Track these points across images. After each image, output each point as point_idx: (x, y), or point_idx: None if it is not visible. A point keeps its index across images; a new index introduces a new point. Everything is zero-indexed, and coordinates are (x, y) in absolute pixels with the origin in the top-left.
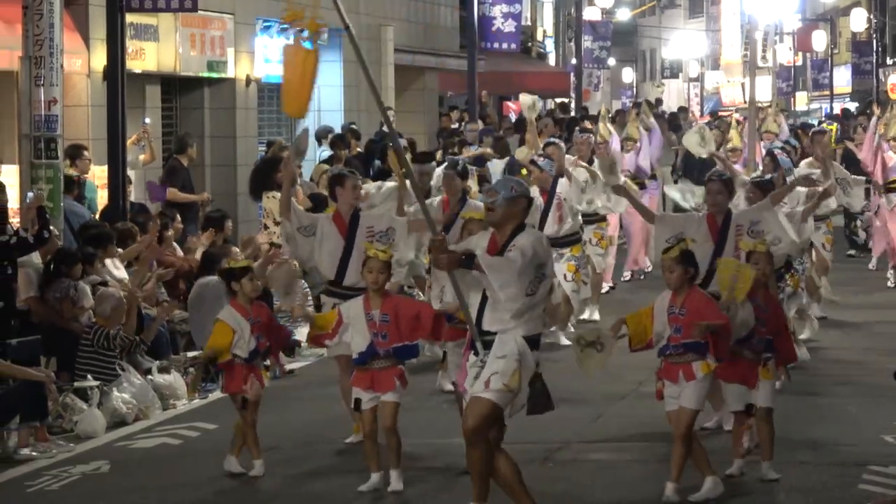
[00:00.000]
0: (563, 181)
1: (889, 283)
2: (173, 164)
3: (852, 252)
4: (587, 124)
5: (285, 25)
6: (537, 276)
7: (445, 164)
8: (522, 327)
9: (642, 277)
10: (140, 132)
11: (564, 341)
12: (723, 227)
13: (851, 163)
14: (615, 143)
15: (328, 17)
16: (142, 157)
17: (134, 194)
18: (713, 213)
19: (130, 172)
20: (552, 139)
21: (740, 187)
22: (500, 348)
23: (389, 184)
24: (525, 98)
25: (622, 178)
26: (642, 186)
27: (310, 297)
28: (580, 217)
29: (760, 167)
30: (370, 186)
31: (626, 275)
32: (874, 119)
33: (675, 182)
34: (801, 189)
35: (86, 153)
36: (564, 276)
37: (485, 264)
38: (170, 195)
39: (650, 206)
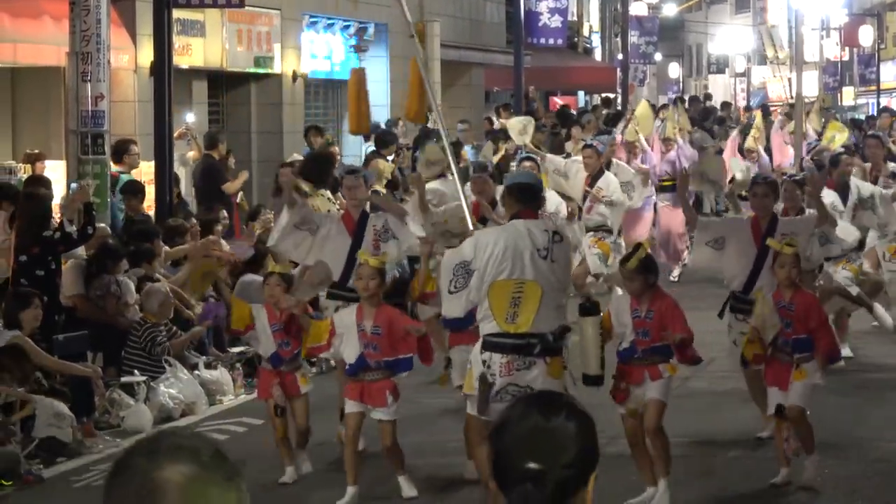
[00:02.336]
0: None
1: None
2: (208, 161)
3: None
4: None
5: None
6: (459, 272)
7: (475, 167)
8: (480, 327)
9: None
10: (183, 129)
11: None
12: (767, 232)
13: None
14: (644, 143)
15: (371, 12)
16: (191, 153)
17: (184, 190)
18: (758, 217)
19: (179, 170)
20: (590, 142)
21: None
22: None
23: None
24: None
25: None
26: (672, 189)
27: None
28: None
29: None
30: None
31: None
32: None
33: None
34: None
35: (134, 147)
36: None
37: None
38: (226, 188)
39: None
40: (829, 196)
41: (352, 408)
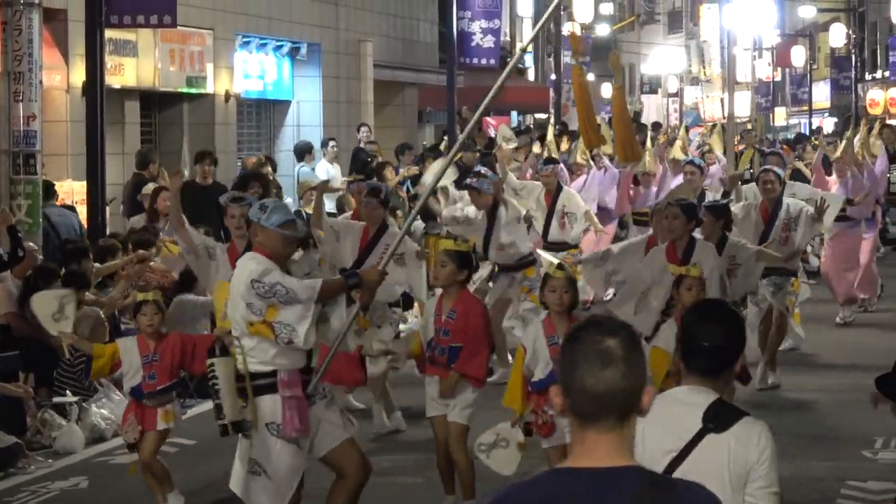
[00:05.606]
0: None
1: (838, 319)
2: (137, 180)
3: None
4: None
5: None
6: None
7: (367, 190)
8: None
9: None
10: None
11: None
12: (684, 256)
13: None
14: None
15: (304, 32)
16: None
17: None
18: (673, 241)
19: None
20: (479, 169)
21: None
22: None
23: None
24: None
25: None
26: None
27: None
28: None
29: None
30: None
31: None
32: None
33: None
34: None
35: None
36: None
37: None
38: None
39: (605, 242)
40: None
41: None
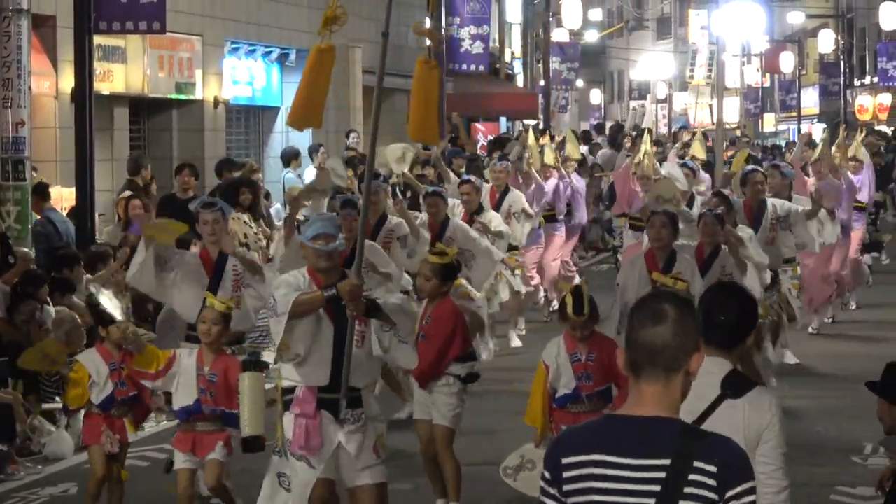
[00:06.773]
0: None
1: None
2: (128, 187)
3: None
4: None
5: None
6: None
7: (341, 202)
8: None
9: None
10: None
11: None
12: (665, 267)
13: None
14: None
15: (293, 38)
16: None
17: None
18: (654, 249)
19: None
20: (469, 177)
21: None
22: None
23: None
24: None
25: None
26: (553, 219)
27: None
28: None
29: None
30: None
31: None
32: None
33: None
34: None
35: None
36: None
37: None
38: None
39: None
40: (744, 231)
41: (182, 462)
